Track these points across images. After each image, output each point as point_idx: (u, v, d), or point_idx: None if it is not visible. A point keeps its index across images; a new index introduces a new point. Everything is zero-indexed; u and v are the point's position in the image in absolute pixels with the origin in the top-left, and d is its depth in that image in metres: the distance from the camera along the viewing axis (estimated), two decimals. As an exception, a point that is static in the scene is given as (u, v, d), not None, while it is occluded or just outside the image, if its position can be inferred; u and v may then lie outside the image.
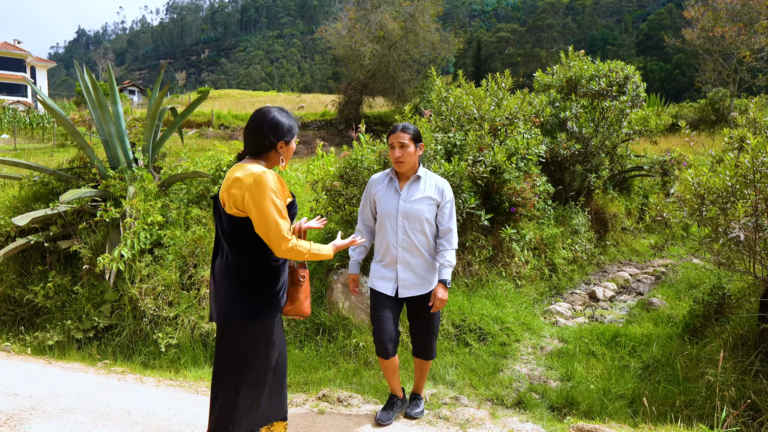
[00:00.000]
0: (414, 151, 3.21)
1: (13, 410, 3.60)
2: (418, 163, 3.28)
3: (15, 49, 51.07)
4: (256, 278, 2.42)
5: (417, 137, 3.23)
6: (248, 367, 2.44)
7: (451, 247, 3.26)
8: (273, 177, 2.36)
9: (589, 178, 8.10)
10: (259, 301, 2.42)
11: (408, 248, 3.24)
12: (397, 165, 3.21)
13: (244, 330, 2.41)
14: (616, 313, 6.33)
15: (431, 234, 3.27)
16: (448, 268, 3.21)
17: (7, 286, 5.51)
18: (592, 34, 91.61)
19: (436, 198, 3.25)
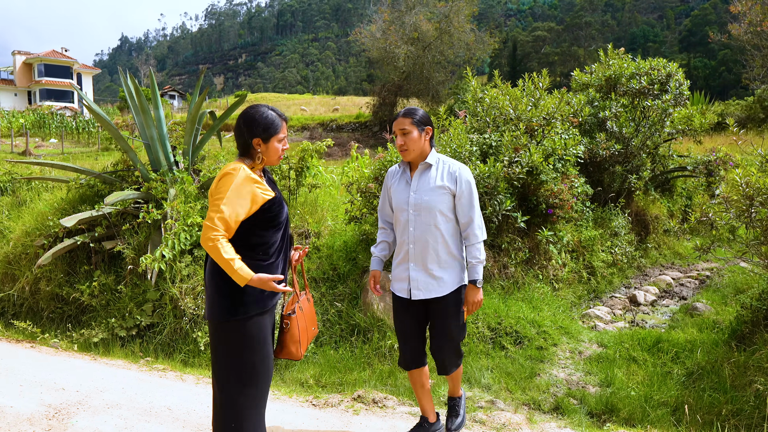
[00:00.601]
0: (419, 137, 2.89)
1: (61, 404, 3.74)
2: (429, 149, 2.95)
3: (63, 57, 53.15)
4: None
5: (421, 121, 2.91)
6: (230, 365, 2.45)
7: (477, 240, 2.89)
8: (242, 173, 2.37)
9: (630, 179, 7.89)
10: (237, 300, 2.40)
11: (420, 245, 2.90)
12: (402, 154, 2.93)
13: (224, 327, 2.43)
14: (658, 317, 6.15)
15: (448, 228, 2.90)
16: (476, 265, 2.88)
17: (56, 284, 5.73)
18: (632, 32, 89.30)
19: (449, 186, 2.87)
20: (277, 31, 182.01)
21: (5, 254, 6.35)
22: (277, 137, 2.49)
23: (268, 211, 2.45)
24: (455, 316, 2.94)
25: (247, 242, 2.44)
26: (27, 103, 51.28)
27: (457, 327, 2.96)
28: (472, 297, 2.91)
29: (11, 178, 8.27)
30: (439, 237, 2.88)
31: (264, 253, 2.48)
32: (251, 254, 2.44)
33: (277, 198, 2.52)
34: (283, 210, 2.56)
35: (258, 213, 2.43)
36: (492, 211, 5.48)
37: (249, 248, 2.44)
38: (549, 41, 79.22)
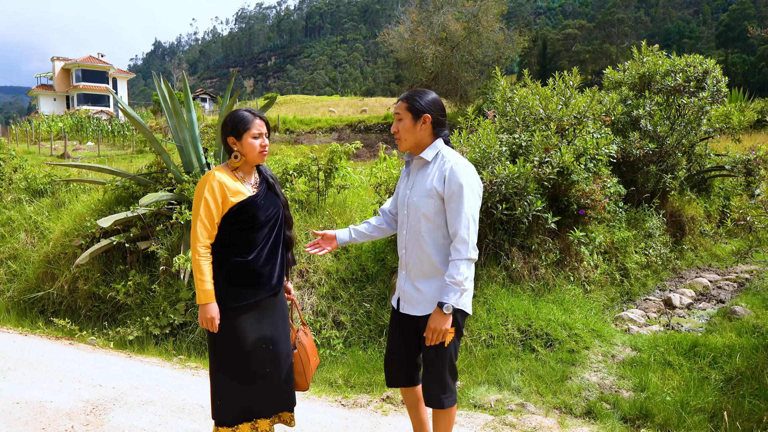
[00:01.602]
0: (413, 126, 2.53)
1: (98, 400, 3.85)
2: (429, 141, 2.57)
3: (99, 63, 54.72)
4: (219, 273, 2.59)
5: (417, 107, 2.51)
6: (215, 353, 2.66)
7: (458, 256, 2.40)
8: (210, 180, 2.56)
9: (665, 178, 7.70)
10: (220, 294, 2.57)
11: (410, 251, 2.59)
12: (397, 142, 2.61)
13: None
14: (695, 321, 5.98)
15: (434, 237, 2.51)
16: (449, 286, 2.40)
17: (93, 283, 5.90)
18: (666, 28, 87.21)
19: (437, 188, 2.47)
20: (306, 33, 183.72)
21: (45, 254, 6.56)
22: (249, 133, 2.59)
23: (242, 212, 2.57)
24: None
25: (225, 241, 2.60)
26: (65, 108, 52.97)
27: (437, 353, 2.51)
28: (433, 323, 2.42)
29: (51, 180, 8.55)
30: (423, 245, 2.52)
31: (243, 250, 2.60)
32: (230, 252, 2.60)
33: (252, 200, 2.60)
34: (262, 210, 2.62)
35: (230, 214, 2.57)
36: (522, 212, 5.42)
37: (227, 246, 2.61)
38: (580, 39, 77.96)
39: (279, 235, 2.73)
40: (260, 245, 2.63)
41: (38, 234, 7.27)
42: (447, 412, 2.57)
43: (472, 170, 2.49)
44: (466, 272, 2.40)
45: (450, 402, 2.54)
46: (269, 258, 2.66)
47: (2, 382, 4.17)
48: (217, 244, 2.61)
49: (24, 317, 6.20)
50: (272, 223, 2.68)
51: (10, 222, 7.70)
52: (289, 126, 32.69)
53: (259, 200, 2.63)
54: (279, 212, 2.73)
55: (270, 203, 2.68)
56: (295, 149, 7.08)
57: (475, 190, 2.48)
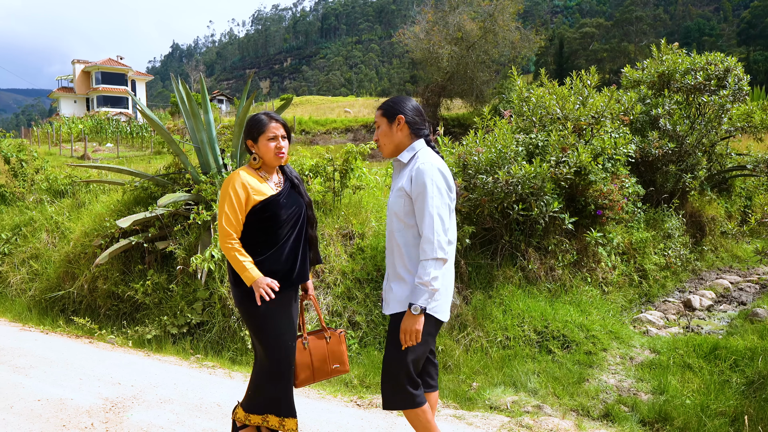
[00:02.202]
0: (389, 130, 2.51)
1: (117, 398, 3.90)
2: (408, 143, 2.53)
3: (118, 65, 55.49)
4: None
5: (390, 111, 2.52)
6: (253, 340, 2.81)
7: (424, 256, 2.34)
8: (234, 179, 2.66)
9: (684, 178, 7.59)
10: (243, 291, 2.69)
11: (387, 251, 2.59)
12: (380, 150, 2.61)
13: (242, 314, 2.78)
14: (715, 323, 5.88)
15: (404, 237, 2.46)
16: (417, 287, 2.34)
17: (112, 283, 5.98)
18: (686, 25, 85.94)
19: (406, 188, 2.43)
20: (322, 34, 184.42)
21: (66, 253, 6.67)
22: (265, 136, 2.68)
23: (264, 210, 2.66)
24: (392, 343, 2.47)
25: (249, 239, 2.70)
26: (85, 110, 53.80)
27: (392, 355, 2.47)
28: (404, 324, 2.38)
29: (71, 181, 8.69)
30: (395, 245, 2.50)
31: (266, 247, 2.69)
32: (254, 249, 2.69)
33: (274, 198, 2.69)
34: (284, 209, 2.70)
35: (253, 212, 2.66)
36: (538, 213, 5.38)
37: (251, 244, 2.70)
38: (597, 38, 77.16)
39: (301, 233, 2.79)
40: (282, 242, 2.71)
41: (59, 234, 7.39)
42: (417, 412, 2.50)
43: (440, 170, 2.43)
44: (433, 272, 2.33)
45: (411, 404, 2.48)
46: (290, 255, 2.74)
47: (25, 380, 4.25)
48: (242, 242, 2.70)
49: (45, 316, 6.30)
50: (294, 222, 2.75)
51: (32, 222, 7.84)
52: (304, 127, 32.83)
53: (281, 199, 2.71)
54: (301, 211, 2.80)
55: (292, 202, 2.76)
56: (311, 150, 7.11)
57: (441, 190, 2.40)
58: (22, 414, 3.63)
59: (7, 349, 5.04)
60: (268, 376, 2.74)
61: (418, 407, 2.49)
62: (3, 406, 3.75)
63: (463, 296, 5.24)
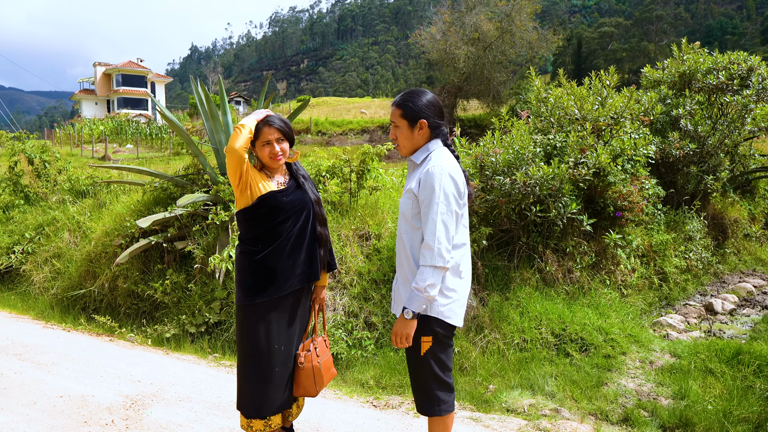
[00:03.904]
0: (410, 133, 2.47)
1: (137, 395, 3.95)
2: (423, 144, 2.50)
3: (138, 67, 56.26)
4: (240, 268, 2.76)
5: (411, 113, 2.45)
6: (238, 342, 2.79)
7: (425, 263, 2.31)
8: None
9: (706, 180, 7.47)
10: (240, 290, 2.73)
11: (397, 251, 2.56)
12: (397, 149, 2.59)
13: (237, 314, 2.79)
14: (738, 327, 5.78)
15: (412, 238, 2.44)
16: (413, 291, 2.33)
17: (132, 282, 6.06)
18: (708, 24, 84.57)
19: (414, 190, 2.40)
20: (338, 35, 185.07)
21: (87, 253, 6.78)
22: (260, 140, 2.74)
23: (261, 206, 2.68)
24: (410, 349, 2.46)
25: (249, 234, 2.74)
26: (106, 111, 54.64)
27: (413, 361, 2.47)
28: (395, 326, 2.37)
29: (93, 181, 8.83)
30: (402, 247, 2.48)
31: (265, 243, 2.70)
32: (253, 244, 2.72)
33: (272, 194, 2.70)
34: (284, 205, 2.71)
35: (253, 208, 2.69)
36: (556, 214, 5.33)
37: (251, 240, 2.73)
38: (616, 37, 76.31)
39: (305, 230, 2.77)
40: (282, 238, 2.70)
41: (81, 233, 7.52)
42: (438, 420, 2.49)
43: (450, 174, 2.37)
44: (430, 279, 2.30)
45: (437, 411, 2.45)
46: (292, 252, 2.72)
47: (47, 376, 4.33)
48: (242, 237, 2.75)
49: (67, 314, 6.41)
50: (295, 218, 2.74)
51: (54, 222, 7.98)
52: (321, 128, 32.94)
53: (281, 195, 2.72)
54: (305, 208, 2.78)
55: (296, 199, 2.76)
56: (328, 151, 7.13)
57: (448, 195, 2.34)
58: (44, 410, 3.70)
59: (30, 346, 5.14)
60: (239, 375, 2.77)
61: (446, 414, 2.47)
62: (26, 401, 3.82)
63: (479, 298, 5.22)
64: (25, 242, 7.83)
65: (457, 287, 2.44)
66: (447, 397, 2.47)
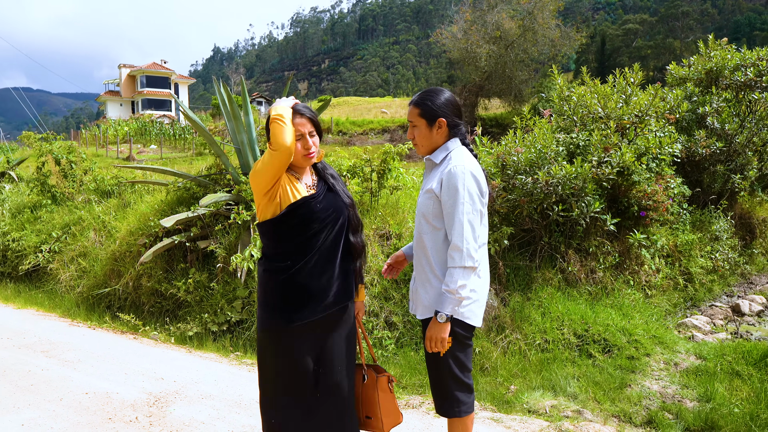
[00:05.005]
0: (429, 132, 2.44)
1: (160, 393, 4.01)
2: (442, 143, 2.48)
3: (162, 69, 57.16)
4: (265, 289, 2.36)
5: (430, 112, 2.42)
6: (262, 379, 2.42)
7: (453, 264, 2.29)
8: None
9: (733, 179, 7.30)
10: (266, 312, 2.35)
11: (416, 252, 2.52)
12: (415, 148, 2.55)
13: (260, 339, 2.40)
14: (766, 329, 5.63)
15: (433, 239, 2.41)
16: (444, 294, 2.30)
17: (155, 281, 6.16)
18: (735, 20, 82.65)
19: (435, 191, 2.37)
20: (359, 35, 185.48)
21: (112, 252, 6.91)
22: None
23: (292, 215, 2.29)
24: None
25: (276, 249, 2.34)
26: (131, 112, 55.61)
27: (435, 363, 2.44)
28: (429, 331, 2.34)
29: (117, 181, 9.00)
30: (422, 248, 2.45)
31: (295, 259, 2.31)
32: (281, 260, 2.32)
33: (305, 200, 2.31)
34: (318, 212, 2.33)
35: (282, 217, 2.30)
36: (579, 213, 5.27)
37: (279, 255, 2.33)
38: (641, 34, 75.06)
39: (338, 240, 2.39)
40: (315, 251, 2.32)
41: (106, 233, 7.67)
42: (458, 421, 2.47)
43: (473, 173, 2.36)
44: (461, 281, 2.27)
45: (456, 413, 2.44)
46: (327, 267, 2.34)
47: (73, 373, 4.42)
48: (268, 252, 2.38)
49: (92, 312, 6.55)
50: (330, 226, 2.36)
51: (80, 221, 8.16)
52: (341, 128, 33.06)
53: (315, 202, 2.34)
54: (341, 214, 2.41)
55: (329, 204, 2.38)
56: (349, 151, 7.15)
57: (472, 195, 2.33)
58: (70, 406, 3.78)
59: (57, 344, 5.26)
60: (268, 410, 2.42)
61: (465, 416, 2.46)
62: (53, 398, 3.91)
63: (500, 298, 5.18)
64: (52, 241, 8.01)
65: (476, 287, 2.42)
66: (466, 398, 2.45)
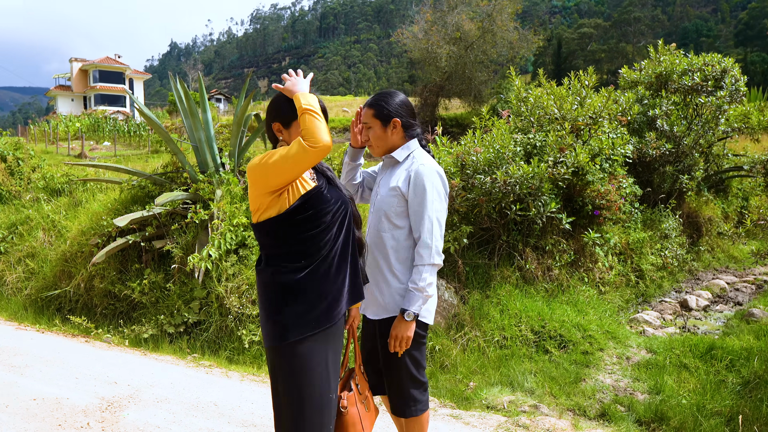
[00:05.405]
0: (383, 133, 2.45)
1: (113, 397, 3.89)
2: (400, 143, 2.48)
3: (116, 63, 55.40)
4: (274, 297, 2.08)
5: (384, 113, 2.44)
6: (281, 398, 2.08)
7: (420, 262, 2.31)
8: None
9: (681, 179, 7.61)
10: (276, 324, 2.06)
11: (371, 249, 2.46)
12: (370, 150, 2.57)
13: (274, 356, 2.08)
14: (711, 323, 5.90)
15: (394, 238, 2.39)
16: (411, 292, 2.31)
17: (108, 282, 5.97)
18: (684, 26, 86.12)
19: (401, 188, 2.37)
20: (320, 33, 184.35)
21: (62, 252, 6.66)
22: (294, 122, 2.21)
23: (304, 208, 2.05)
24: (386, 349, 2.40)
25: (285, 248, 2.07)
26: (83, 108, 53.68)
27: (392, 363, 2.42)
28: (395, 330, 2.32)
29: (68, 179, 8.67)
30: (381, 246, 2.42)
31: (308, 259, 2.07)
32: (291, 261, 2.07)
33: (318, 190, 2.09)
34: (329, 204, 2.11)
35: (290, 213, 2.04)
36: (536, 213, 5.39)
37: (289, 255, 2.07)
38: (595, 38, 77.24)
39: (349, 237, 2.18)
40: (328, 250, 2.09)
41: (56, 233, 7.38)
42: (414, 420, 2.48)
43: (439, 173, 2.40)
44: (429, 278, 2.31)
45: (412, 412, 2.45)
46: (340, 266, 2.13)
47: (20, 379, 4.24)
48: (275, 254, 2.09)
49: (41, 315, 6.29)
50: (340, 222, 2.14)
51: (28, 221, 7.82)
52: (302, 126, 32.80)
53: (324, 191, 2.11)
54: (347, 209, 2.19)
55: (335, 197, 2.15)
56: (309, 149, 7.09)
57: (440, 194, 2.38)
58: (17, 413, 3.62)
59: (2, 349, 5.03)
60: None
61: (421, 414, 2.48)
62: (-1, 405, 3.74)
63: (460, 296, 5.24)
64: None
65: (434, 285, 2.46)
66: (422, 396, 2.48)
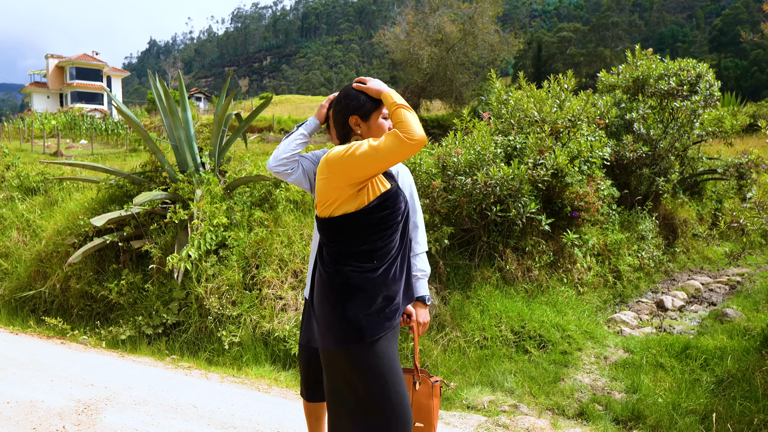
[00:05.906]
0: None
1: (89, 400, 3.83)
2: None
3: (93, 60, 54.43)
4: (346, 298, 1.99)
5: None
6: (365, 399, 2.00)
7: (422, 249, 2.39)
8: None
9: (657, 181, 7.75)
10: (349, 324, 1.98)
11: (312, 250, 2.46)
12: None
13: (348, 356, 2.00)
14: (686, 323, 6.02)
15: None
16: (422, 279, 2.32)
17: (85, 282, 5.86)
18: (660, 32, 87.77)
19: None
20: (302, 33, 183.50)
21: (37, 252, 6.52)
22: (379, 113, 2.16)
23: (380, 207, 1.97)
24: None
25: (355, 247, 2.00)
26: (59, 105, 52.63)
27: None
28: (424, 317, 2.33)
29: (44, 178, 8.49)
30: None
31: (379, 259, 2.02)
32: (364, 258, 2.00)
33: (395, 191, 2.03)
34: (401, 206, 2.05)
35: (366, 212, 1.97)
36: (516, 214, 5.44)
37: (358, 254, 2.00)
38: (575, 42, 78.25)
39: (404, 237, 2.14)
40: (396, 250, 2.07)
41: (30, 232, 7.23)
42: None
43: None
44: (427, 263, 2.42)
45: None
46: (402, 266, 2.11)
47: (-7, 381, 4.14)
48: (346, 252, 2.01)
49: (15, 316, 6.15)
50: (403, 221, 2.10)
51: (1, 220, 7.65)
52: (284, 126, 32.62)
53: (400, 192, 2.09)
54: (407, 210, 2.14)
55: (402, 197, 2.10)
56: (290, 149, 7.05)
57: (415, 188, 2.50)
58: (-10, 416, 3.54)
59: (-25, 350, 4.91)
60: None
61: None
62: (-30, 408, 3.65)
63: (441, 297, 5.27)
64: (-31, 241, 7.47)
65: None
66: None
